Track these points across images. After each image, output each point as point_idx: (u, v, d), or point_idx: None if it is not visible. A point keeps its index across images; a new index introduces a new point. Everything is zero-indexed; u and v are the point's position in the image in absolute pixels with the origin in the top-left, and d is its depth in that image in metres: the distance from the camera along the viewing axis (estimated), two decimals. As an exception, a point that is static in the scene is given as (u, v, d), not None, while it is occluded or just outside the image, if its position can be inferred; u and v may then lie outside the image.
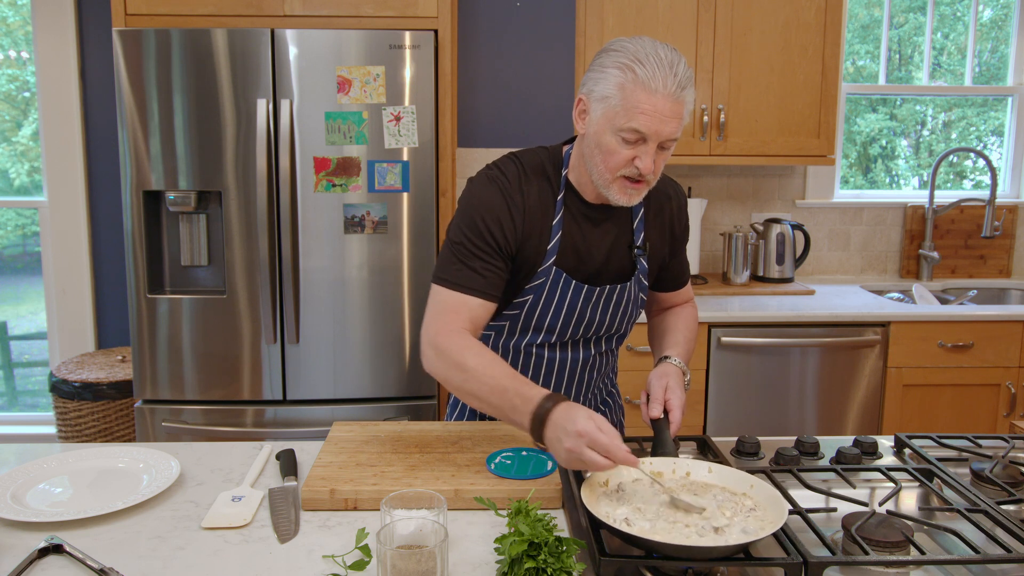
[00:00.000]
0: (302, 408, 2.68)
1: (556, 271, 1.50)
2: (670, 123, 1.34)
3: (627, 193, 1.42)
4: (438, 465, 1.40)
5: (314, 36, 2.53)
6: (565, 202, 1.51)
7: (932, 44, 3.57)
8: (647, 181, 1.42)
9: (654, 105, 1.32)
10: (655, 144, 1.36)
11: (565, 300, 1.53)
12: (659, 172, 1.43)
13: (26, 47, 3.46)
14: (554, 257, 1.50)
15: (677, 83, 1.32)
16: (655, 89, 1.31)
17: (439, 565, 1.03)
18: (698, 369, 2.84)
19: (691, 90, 1.37)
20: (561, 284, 1.51)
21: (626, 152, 1.37)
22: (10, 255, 3.66)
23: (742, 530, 1.12)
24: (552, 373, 1.61)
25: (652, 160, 1.37)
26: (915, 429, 2.88)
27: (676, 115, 1.34)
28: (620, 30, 2.96)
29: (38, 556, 1.15)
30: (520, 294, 1.53)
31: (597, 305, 1.56)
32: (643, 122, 1.33)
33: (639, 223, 1.57)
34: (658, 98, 1.32)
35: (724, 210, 3.47)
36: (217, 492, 1.37)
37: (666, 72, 1.31)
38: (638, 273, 1.58)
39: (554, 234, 1.50)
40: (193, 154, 2.56)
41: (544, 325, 1.55)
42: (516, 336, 1.58)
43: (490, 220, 1.45)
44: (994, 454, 1.51)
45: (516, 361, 1.61)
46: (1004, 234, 3.52)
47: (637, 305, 1.61)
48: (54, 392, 3.01)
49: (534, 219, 1.48)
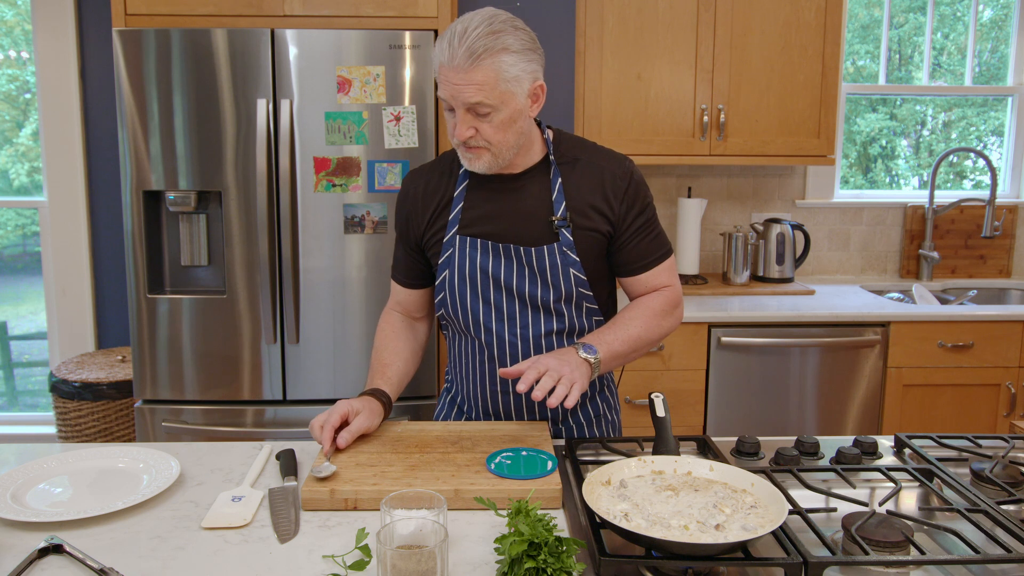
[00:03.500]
0: (302, 408, 2.68)
1: (460, 238, 1.58)
2: (465, 90, 1.42)
3: (467, 159, 1.52)
4: (438, 465, 1.40)
5: (314, 36, 2.53)
6: (468, 175, 1.60)
7: (932, 44, 3.57)
8: (480, 147, 1.49)
9: (447, 76, 1.43)
10: (463, 111, 1.45)
11: (476, 264, 1.57)
12: (493, 137, 1.47)
13: (26, 47, 3.46)
14: (456, 227, 1.59)
15: (464, 51, 1.40)
16: (444, 62, 1.43)
17: (439, 565, 1.03)
18: (698, 369, 2.84)
19: (495, 57, 1.40)
20: (468, 248, 1.57)
21: (451, 122, 1.49)
22: (10, 255, 3.66)
23: (742, 527, 1.12)
24: (494, 358, 1.61)
25: (465, 125, 1.46)
26: (915, 429, 2.88)
27: (471, 82, 1.41)
28: (620, 30, 2.96)
29: (38, 556, 1.15)
30: (439, 272, 1.61)
31: (512, 266, 1.55)
32: (444, 92, 1.45)
33: (558, 193, 1.56)
34: (448, 69, 1.43)
35: (724, 210, 3.47)
36: (217, 492, 1.37)
37: (455, 45, 1.41)
38: (561, 244, 1.55)
39: (455, 205, 1.59)
40: (193, 154, 2.56)
41: (467, 295, 1.58)
42: (455, 320, 1.63)
43: (397, 214, 1.68)
44: (994, 454, 1.51)
45: (473, 353, 1.63)
46: (1004, 234, 3.52)
47: (567, 276, 1.55)
48: (54, 392, 3.01)
49: (432, 203, 1.61)
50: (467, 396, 1.70)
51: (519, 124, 1.49)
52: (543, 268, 1.56)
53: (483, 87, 1.41)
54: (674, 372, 2.84)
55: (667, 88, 3.01)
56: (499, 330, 1.59)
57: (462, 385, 1.70)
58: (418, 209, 1.63)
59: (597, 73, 2.98)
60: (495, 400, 1.65)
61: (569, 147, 1.61)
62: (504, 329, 1.59)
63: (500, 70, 1.41)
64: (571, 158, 1.59)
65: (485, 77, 1.41)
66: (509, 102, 1.45)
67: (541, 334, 1.59)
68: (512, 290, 1.57)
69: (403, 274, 1.71)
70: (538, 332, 1.59)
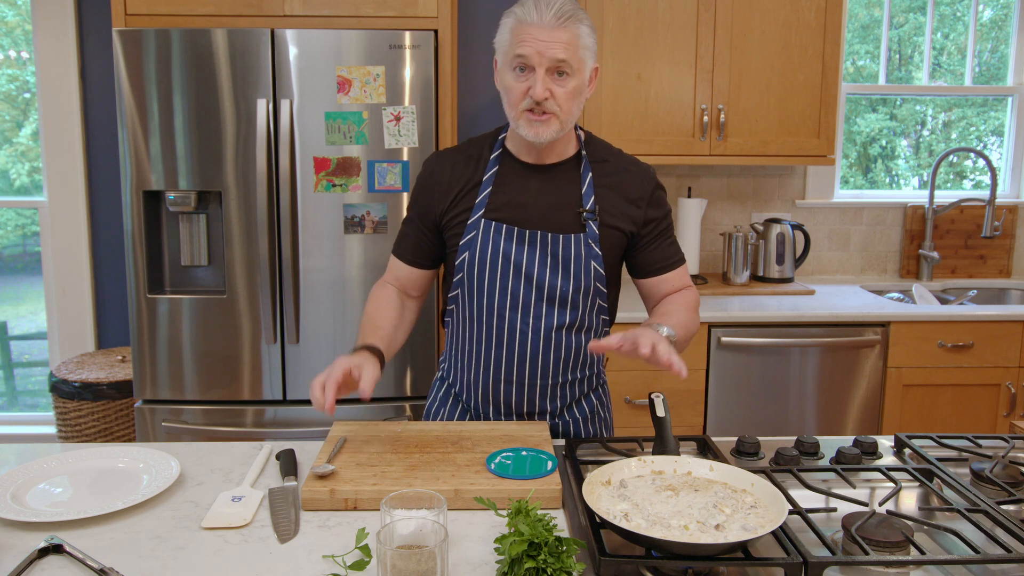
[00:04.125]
0: (302, 408, 2.68)
1: (486, 222, 1.59)
2: (553, 47, 1.46)
3: (533, 127, 1.52)
4: (438, 465, 1.40)
5: (314, 36, 2.53)
6: (500, 161, 1.62)
7: (932, 44, 3.57)
8: (551, 112, 1.51)
9: (533, 33, 1.47)
10: (543, 69, 1.48)
11: (499, 249, 1.57)
12: (565, 103, 1.51)
13: (26, 47, 3.46)
14: (482, 210, 1.59)
15: (553, 13, 1.46)
16: (532, 21, 1.47)
17: (439, 565, 1.03)
18: (698, 369, 2.84)
19: (579, 24, 1.49)
20: (492, 232, 1.58)
21: (520, 85, 1.51)
22: (10, 255, 3.66)
23: (742, 527, 1.12)
24: (503, 346, 1.61)
25: (543, 86, 1.48)
26: (915, 429, 2.88)
27: (558, 40, 1.47)
28: (620, 30, 2.96)
29: (38, 556, 1.15)
30: (458, 254, 1.61)
31: (535, 253, 1.57)
32: (526, 48, 1.47)
33: (588, 188, 1.61)
34: (535, 27, 1.47)
35: (724, 210, 3.47)
36: (217, 492, 1.37)
37: (542, 7, 1.47)
38: (587, 236, 1.58)
39: (483, 189, 1.60)
40: (193, 154, 2.56)
41: (485, 280, 1.58)
42: (469, 304, 1.62)
43: (417, 193, 1.68)
44: (994, 454, 1.51)
45: (480, 340, 1.63)
46: (1004, 234, 3.52)
47: (588, 268, 1.59)
48: (54, 392, 3.01)
49: (458, 185, 1.62)
50: (466, 384, 1.69)
51: (582, 99, 1.56)
52: (567, 257, 1.58)
53: (568, 47, 1.48)
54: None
55: (667, 88, 3.01)
56: (512, 318, 1.60)
57: (462, 373, 1.70)
58: (443, 188, 1.63)
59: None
60: (496, 390, 1.65)
61: (599, 148, 1.67)
62: (517, 317, 1.60)
63: (582, 36, 1.50)
64: (601, 158, 1.65)
65: (571, 38, 1.48)
66: (581, 70, 1.52)
67: (553, 327, 1.60)
68: (532, 278, 1.58)
69: (409, 252, 1.71)
70: (550, 324, 1.60)
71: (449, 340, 1.75)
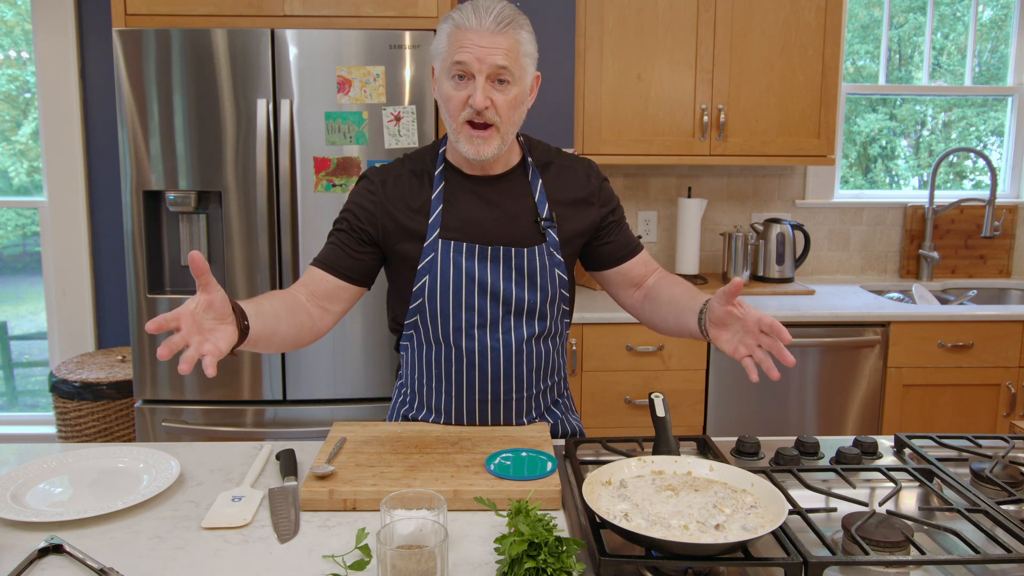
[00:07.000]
0: (302, 408, 2.68)
1: (443, 242, 1.54)
2: (493, 53, 1.42)
3: (473, 144, 1.47)
4: (438, 466, 1.40)
5: (314, 36, 2.53)
6: (445, 177, 1.57)
7: (932, 44, 3.57)
8: (493, 124, 1.46)
9: (472, 39, 1.42)
10: (483, 77, 1.43)
11: (461, 269, 1.54)
12: (506, 113, 1.46)
13: (26, 47, 3.46)
14: (437, 230, 1.54)
15: (493, 19, 1.42)
16: (470, 26, 1.43)
17: (439, 565, 1.03)
18: (698, 369, 2.84)
19: (519, 30, 1.45)
20: (452, 252, 1.54)
21: (460, 94, 1.45)
22: (10, 255, 3.66)
23: (742, 527, 1.12)
24: (474, 366, 1.57)
25: (483, 94, 1.43)
26: (915, 429, 2.88)
27: (498, 46, 1.42)
28: (620, 30, 2.96)
29: (38, 556, 1.15)
30: (417, 279, 1.55)
31: (498, 268, 1.54)
32: (465, 54, 1.42)
33: (540, 195, 1.58)
34: (475, 33, 1.42)
35: (724, 210, 3.47)
36: (217, 492, 1.37)
37: (481, 13, 1.43)
38: (548, 245, 1.57)
39: (434, 208, 1.55)
40: (193, 154, 2.56)
41: (449, 302, 1.54)
42: (432, 328, 1.57)
43: (350, 206, 1.58)
44: (994, 454, 1.51)
45: (448, 362, 1.58)
46: (1004, 234, 3.52)
47: (552, 276, 1.57)
48: (54, 392, 3.01)
49: (405, 204, 1.55)
50: (434, 408, 1.64)
51: (523, 108, 1.52)
52: (532, 269, 1.56)
53: (509, 53, 1.44)
54: (674, 372, 2.84)
55: (667, 88, 3.01)
56: (480, 336, 1.56)
57: (428, 397, 1.64)
58: (390, 205, 1.55)
59: (597, 73, 2.98)
60: (471, 410, 1.61)
61: (542, 152, 1.65)
62: (487, 335, 1.56)
63: (522, 42, 1.46)
64: (544, 161, 1.63)
65: (511, 44, 1.44)
66: (523, 78, 1.48)
67: (523, 339, 1.58)
68: (499, 294, 1.55)
69: (330, 259, 1.55)
70: (520, 336, 1.58)
71: (409, 367, 1.66)
